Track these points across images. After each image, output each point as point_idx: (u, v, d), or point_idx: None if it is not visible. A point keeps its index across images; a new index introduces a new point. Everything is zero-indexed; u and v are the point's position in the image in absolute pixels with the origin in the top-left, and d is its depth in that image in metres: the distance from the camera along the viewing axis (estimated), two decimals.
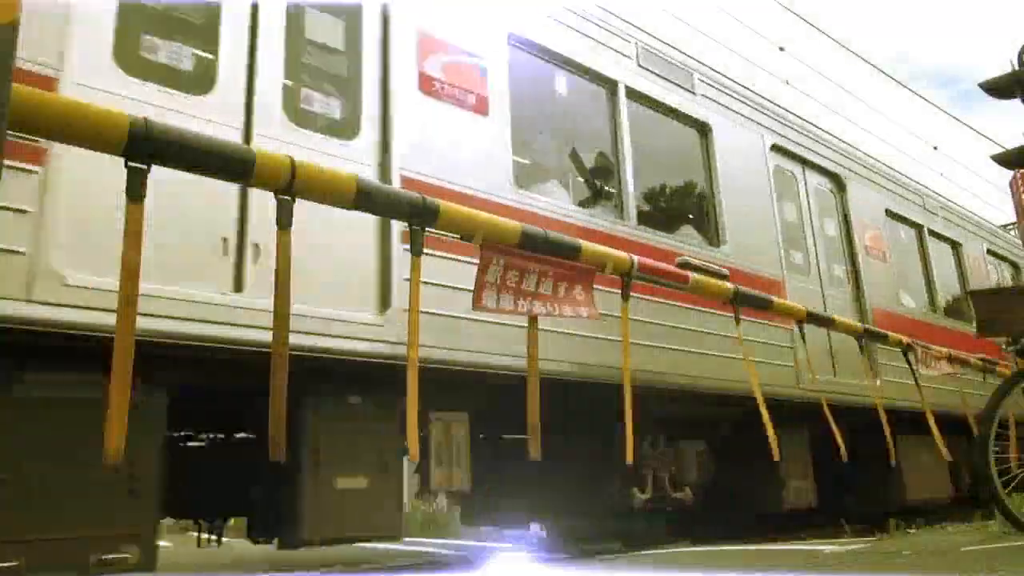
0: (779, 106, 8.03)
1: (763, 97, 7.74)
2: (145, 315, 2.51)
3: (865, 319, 7.81)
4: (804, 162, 8.03)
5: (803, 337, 5.30)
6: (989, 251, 11.60)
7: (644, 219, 6.05)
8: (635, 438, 3.30)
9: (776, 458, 4.20)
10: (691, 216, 6.95)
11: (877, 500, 8.01)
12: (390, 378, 3.70)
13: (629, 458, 3.26)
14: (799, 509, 7.15)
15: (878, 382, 7.16)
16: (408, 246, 2.70)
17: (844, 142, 8.92)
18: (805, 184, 7.98)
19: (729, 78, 7.38)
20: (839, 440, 4.99)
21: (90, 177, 3.09)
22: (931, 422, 5.85)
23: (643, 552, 5.23)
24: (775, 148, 7.60)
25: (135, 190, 2.03)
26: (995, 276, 11.63)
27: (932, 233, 10.15)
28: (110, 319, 1.98)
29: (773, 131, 7.64)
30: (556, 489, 6.31)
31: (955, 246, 10.75)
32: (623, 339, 3.46)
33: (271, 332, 2.21)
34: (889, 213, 9.22)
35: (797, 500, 7.12)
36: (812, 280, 7.64)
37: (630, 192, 5.94)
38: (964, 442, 7.04)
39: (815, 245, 7.79)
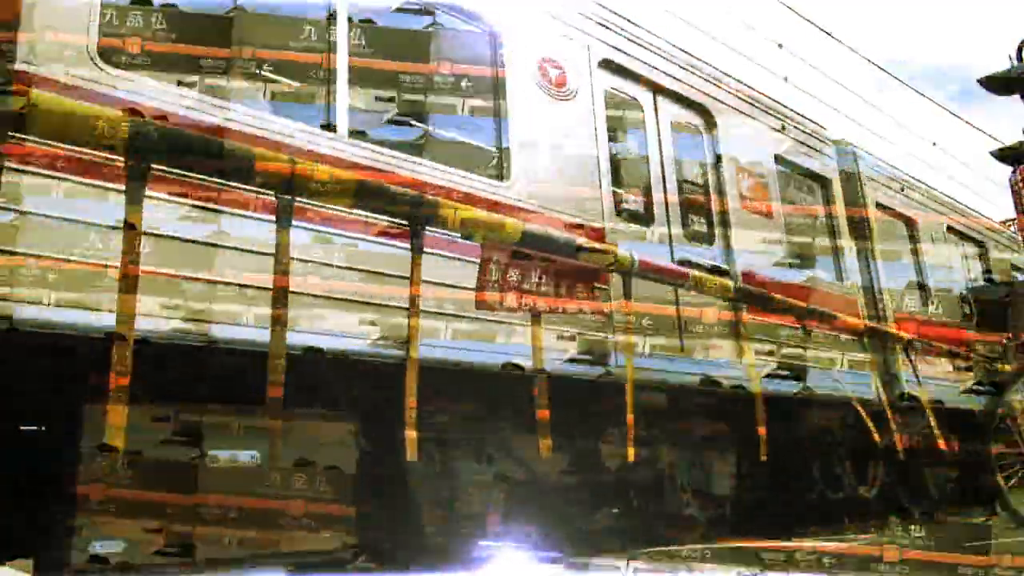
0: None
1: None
2: None
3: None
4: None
5: (808, 332, 5.33)
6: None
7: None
8: None
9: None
10: None
11: None
12: None
13: (630, 457, 3.29)
14: None
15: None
16: None
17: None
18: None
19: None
20: None
21: None
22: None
23: (644, 552, 5.22)
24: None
25: (135, 191, 2.00)
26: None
27: None
28: None
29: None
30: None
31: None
32: (625, 339, 3.49)
33: None
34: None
35: None
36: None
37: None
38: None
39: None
